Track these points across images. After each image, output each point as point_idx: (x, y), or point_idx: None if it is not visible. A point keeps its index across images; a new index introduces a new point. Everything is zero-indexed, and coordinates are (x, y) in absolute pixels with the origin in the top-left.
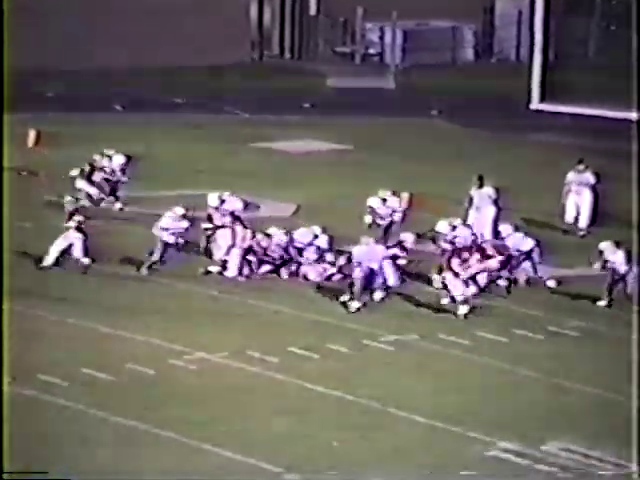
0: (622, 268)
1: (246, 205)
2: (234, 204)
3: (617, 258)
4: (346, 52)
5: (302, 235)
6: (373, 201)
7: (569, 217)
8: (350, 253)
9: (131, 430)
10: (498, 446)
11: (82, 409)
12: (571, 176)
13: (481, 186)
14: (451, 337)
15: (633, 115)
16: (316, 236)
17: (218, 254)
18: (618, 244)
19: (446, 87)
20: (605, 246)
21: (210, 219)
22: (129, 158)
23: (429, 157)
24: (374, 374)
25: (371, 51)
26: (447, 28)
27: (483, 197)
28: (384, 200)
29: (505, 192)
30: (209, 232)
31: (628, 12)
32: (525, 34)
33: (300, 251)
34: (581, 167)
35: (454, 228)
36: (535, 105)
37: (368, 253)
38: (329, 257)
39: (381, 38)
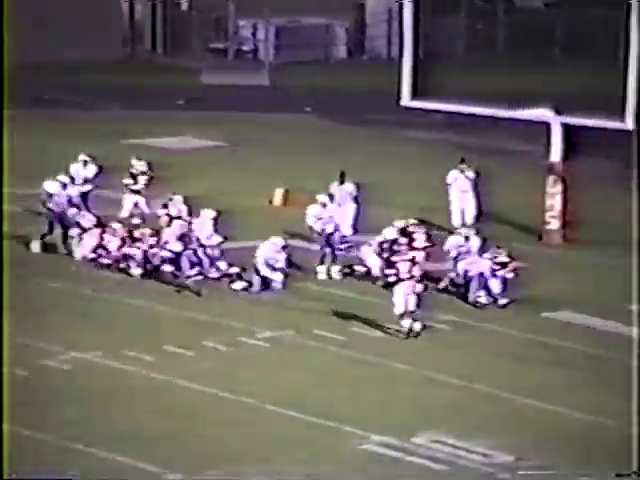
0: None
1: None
2: None
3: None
4: (219, 48)
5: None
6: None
7: (456, 219)
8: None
9: (4, 432)
10: (371, 439)
11: None
12: (452, 175)
13: (342, 182)
14: (326, 333)
15: (499, 112)
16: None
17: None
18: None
19: (319, 84)
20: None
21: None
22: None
23: (303, 153)
24: (250, 371)
25: (244, 48)
26: (319, 25)
27: (344, 193)
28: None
29: (378, 188)
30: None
31: (494, 12)
32: (395, 32)
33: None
34: (463, 166)
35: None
36: (406, 102)
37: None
38: (222, 265)
39: (254, 35)
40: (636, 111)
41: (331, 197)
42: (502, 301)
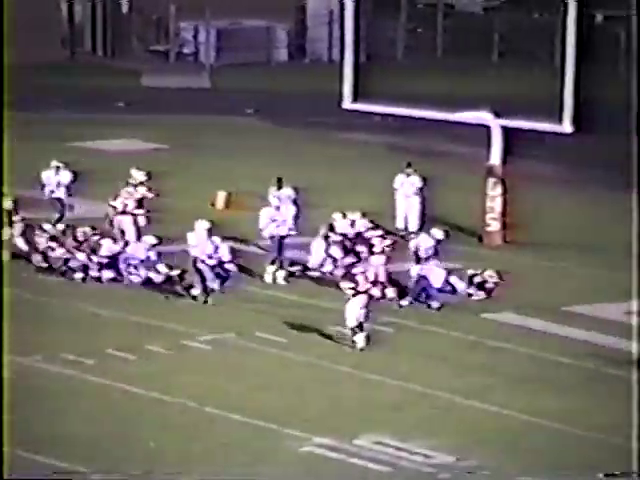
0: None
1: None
2: None
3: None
4: (160, 50)
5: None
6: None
7: (399, 222)
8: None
9: None
10: (313, 442)
11: None
12: (399, 180)
13: (280, 188)
14: (268, 335)
15: (439, 115)
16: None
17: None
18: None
19: (261, 86)
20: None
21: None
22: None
23: (245, 156)
24: (192, 374)
25: (185, 50)
26: (261, 28)
27: (283, 197)
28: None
29: (319, 190)
30: None
31: (434, 16)
32: (337, 35)
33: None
34: (409, 170)
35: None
36: (347, 105)
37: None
38: (162, 268)
39: (195, 37)
40: (573, 114)
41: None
42: (435, 304)
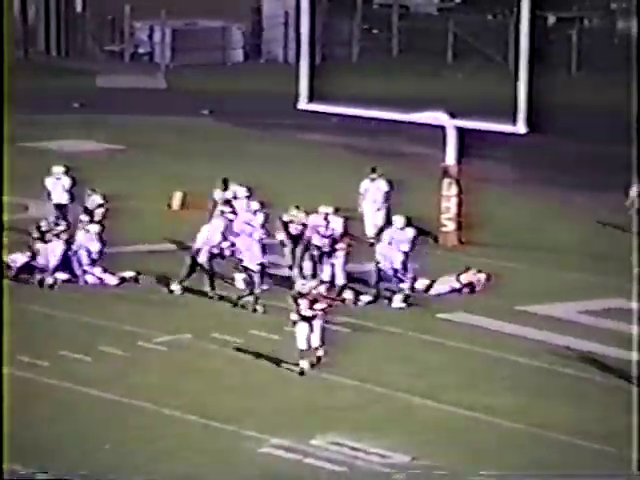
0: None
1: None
2: None
3: (394, 255)
4: (115, 50)
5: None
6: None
7: (369, 229)
8: None
9: None
10: (270, 442)
11: None
12: (364, 185)
13: (225, 189)
14: (224, 336)
15: (395, 115)
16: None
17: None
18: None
19: (216, 87)
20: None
21: None
22: None
23: (200, 156)
24: (148, 375)
25: (140, 50)
26: (216, 28)
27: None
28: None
29: (275, 191)
30: None
31: (389, 17)
32: (292, 35)
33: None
34: (374, 175)
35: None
36: (302, 105)
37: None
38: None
39: (150, 37)
40: (527, 115)
41: (215, 204)
42: (397, 304)
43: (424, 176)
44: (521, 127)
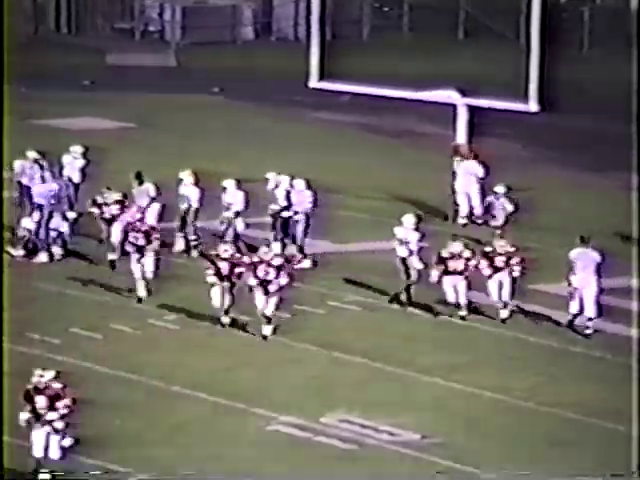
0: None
1: None
2: None
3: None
4: (125, 28)
5: None
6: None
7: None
8: None
9: None
10: (279, 420)
11: None
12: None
13: (141, 183)
14: (232, 314)
15: (406, 94)
16: None
17: None
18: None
19: (227, 65)
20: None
21: None
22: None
23: (211, 134)
24: (157, 353)
25: (151, 28)
26: (226, 6)
27: (142, 194)
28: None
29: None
30: None
31: None
32: (303, 13)
33: None
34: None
35: None
36: (313, 83)
37: None
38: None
39: (160, 15)
40: (538, 93)
41: (126, 197)
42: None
43: (435, 154)
44: (533, 105)
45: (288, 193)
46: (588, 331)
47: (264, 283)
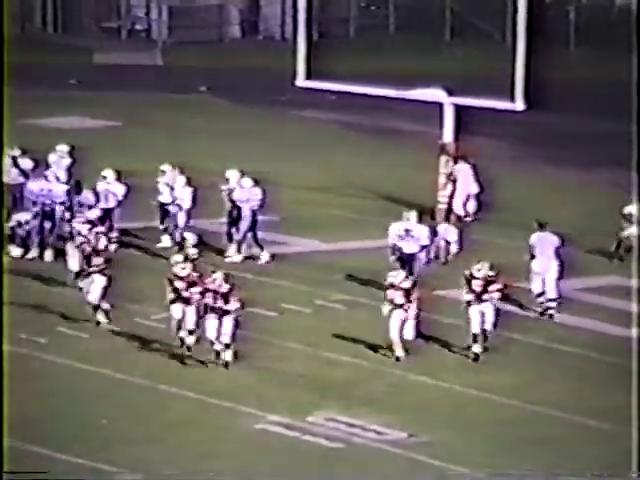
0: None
1: None
2: None
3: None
4: (112, 27)
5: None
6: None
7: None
8: None
9: None
10: (267, 419)
11: None
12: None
13: (79, 192)
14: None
15: (392, 93)
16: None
17: None
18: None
19: (214, 64)
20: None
21: None
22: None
23: (198, 133)
24: (144, 352)
25: (137, 27)
26: (213, 5)
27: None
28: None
29: (273, 168)
30: None
31: None
32: (289, 12)
33: None
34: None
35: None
36: (300, 82)
37: None
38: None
39: (147, 14)
40: (524, 91)
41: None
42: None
43: (422, 153)
44: (519, 104)
45: (172, 188)
46: (551, 311)
47: (215, 310)
